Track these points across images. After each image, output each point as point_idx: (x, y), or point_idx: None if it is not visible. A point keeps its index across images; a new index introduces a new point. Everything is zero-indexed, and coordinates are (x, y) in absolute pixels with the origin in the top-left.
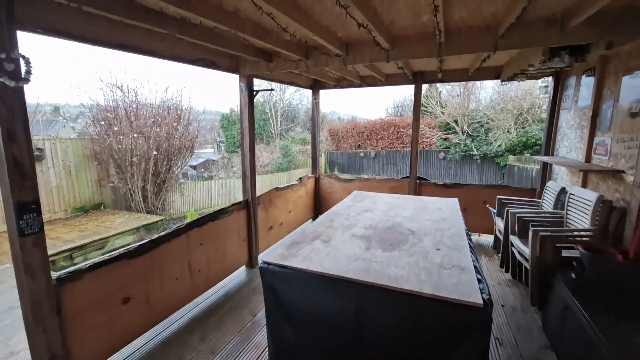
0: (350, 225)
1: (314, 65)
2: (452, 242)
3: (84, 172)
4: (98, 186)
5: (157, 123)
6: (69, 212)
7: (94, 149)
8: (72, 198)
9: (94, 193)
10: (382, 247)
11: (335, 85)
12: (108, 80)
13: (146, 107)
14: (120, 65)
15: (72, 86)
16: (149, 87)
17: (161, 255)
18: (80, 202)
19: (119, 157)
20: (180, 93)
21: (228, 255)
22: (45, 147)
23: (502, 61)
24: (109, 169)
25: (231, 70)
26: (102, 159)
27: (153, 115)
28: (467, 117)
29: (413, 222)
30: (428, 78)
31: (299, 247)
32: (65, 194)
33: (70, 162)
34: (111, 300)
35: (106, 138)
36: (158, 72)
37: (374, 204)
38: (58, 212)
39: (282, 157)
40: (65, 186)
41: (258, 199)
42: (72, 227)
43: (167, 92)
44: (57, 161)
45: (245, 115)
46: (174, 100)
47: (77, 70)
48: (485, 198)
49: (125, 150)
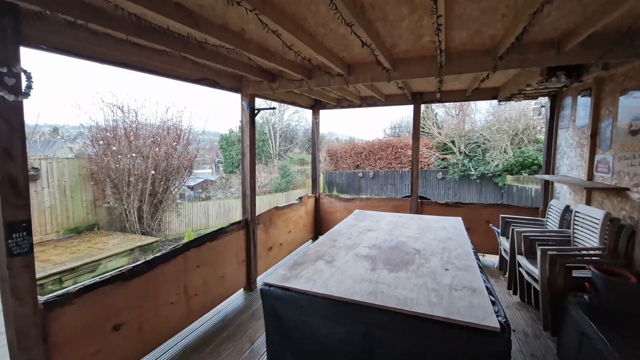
0: (353, 245)
1: (316, 85)
2: (460, 262)
3: (79, 192)
4: (93, 206)
5: (156, 143)
6: (61, 233)
7: (91, 168)
8: (65, 219)
9: (88, 214)
10: (388, 267)
11: (336, 106)
12: (109, 101)
13: (146, 127)
14: (122, 85)
15: (73, 106)
16: (150, 107)
17: (157, 278)
18: (74, 223)
19: (116, 177)
20: (180, 113)
21: (226, 277)
22: (42, 167)
23: (500, 82)
24: (105, 189)
25: (234, 89)
26: (98, 178)
27: (152, 135)
28: (464, 137)
29: (418, 241)
30: (427, 98)
31: (301, 267)
32: (59, 214)
33: (66, 182)
34: (102, 326)
35: (104, 157)
36: (159, 92)
37: (376, 223)
38: (50, 233)
39: (280, 178)
40: (59, 206)
41: (258, 218)
42: (64, 249)
43: (167, 112)
44: (53, 181)
45: (247, 133)
46: (174, 121)
47: (78, 91)
48: (488, 217)
49: (123, 170)
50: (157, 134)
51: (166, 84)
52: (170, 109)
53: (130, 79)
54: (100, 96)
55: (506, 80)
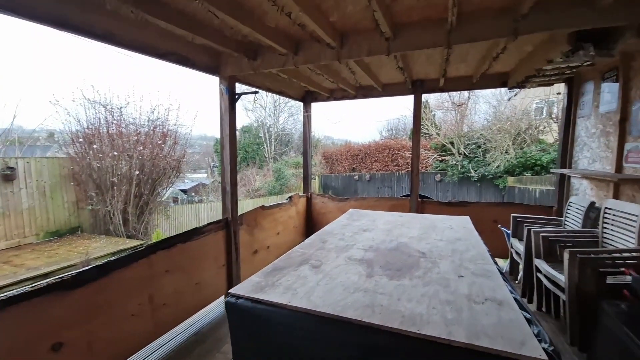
0: (346, 247)
1: (304, 61)
2: (475, 266)
3: (60, 193)
4: (76, 208)
5: (140, 141)
6: (41, 236)
7: (73, 168)
8: (45, 221)
9: (70, 216)
10: (387, 273)
11: (329, 97)
12: (90, 96)
13: (130, 125)
14: (104, 80)
15: (52, 102)
16: (134, 104)
17: (112, 286)
18: (55, 226)
19: (99, 177)
20: (167, 112)
21: (202, 284)
22: (18, 166)
23: (510, 66)
24: (88, 190)
25: (210, 70)
26: (80, 179)
27: (137, 133)
28: (464, 138)
29: (422, 242)
30: (429, 87)
31: (281, 274)
32: (38, 216)
33: (45, 183)
34: (35, 347)
35: (85, 157)
36: (144, 89)
37: (373, 223)
38: (29, 236)
39: (274, 181)
40: (38, 208)
41: (240, 218)
42: (41, 253)
43: (154, 111)
44: (31, 181)
45: (226, 122)
46: (161, 120)
47: (58, 87)
48: (495, 217)
49: (106, 170)
50: (141, 133)
51: (152, 80)
52: (157, 107)
53: (114, 74)
54: (81, 91)
55: (518, 61)
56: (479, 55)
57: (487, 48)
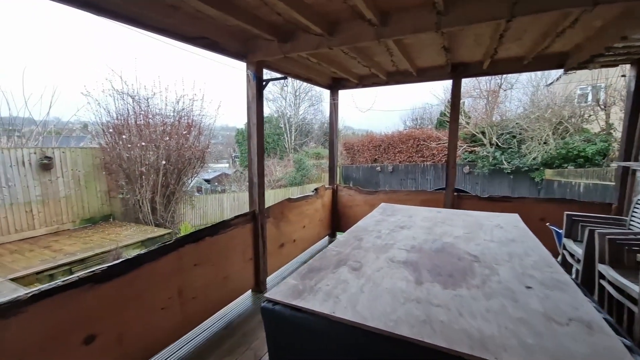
0: (385, 246)
1: (339, 42)
2: (543, 275)
3: (94, 182)
4: (108, 197)
5: (167, 132)
6: (77, 223)
7: (104, 158)
8: (81, 209)
9: (103, 204)
10: (439, 280)
11: (358, 84)
12: (118, 87)
13: (156, 116)
14: (131, 71)
15: (83, 93)
16: (160, 95)
17: (142, 279)
18: (90, 213)
19: (128, 167)
20: (192, 102)
21: (230, 278)
22: (55, 156)
23: (572, 44)
24: (119, 179)
25: (238, 55)
26: (111, 169)
27: (163, 123)
28: (496, 127)
29: (471, 243)
30: (470, 70)
31: (318, 276)
32: (74, 204)
33: (80, 172)
34: (67, 340)
35: (115, 147)
36: (169, 79)
37: (410, 219)
38: (66, 222)
39: (295, 171)
40: (74, 196)
41: (267, 211)
42: (77, 239)
43: (179, 101)
44: (67, 170)
45: (253, 110)
46: (186, 110)
47: (89, 78)
48: (542, 215)
49: (135, 160)
50: (167, 123)
51: (178, 70)
52: (182, 98)
53: (141, 64)
54: (110, 82)
55: (582, 39)
56: (538, 32)
57: (553, 22)
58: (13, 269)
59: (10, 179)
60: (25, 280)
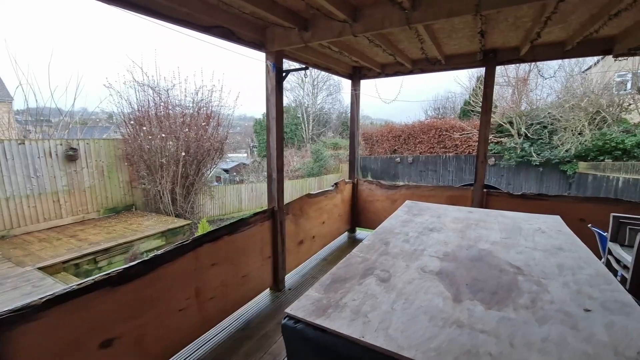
0: (415, 253)
1: (364, 29)
2: (602, 294)
3: (116, 172)
4: (130, 187)
5: (186, 123)
6: (101, 212)
7: (126, 149)
8: (104, 199)
9: (125, 194)
10: (480, 297)
11: (380, 73)
12: (139, 78)
13: (175, 107)
14: (152, 63)
15: (105, 85)
16: (179, 86)
17: (159, 281)
18: (113, 203)
19: (149, 158)
20: (210, 93)
21: (249, 276)
22: (80, 147)
23: (620, 28)
24: (140, 170)
25: (255, 45)
26: (133, 160)
27: (182, 115)
28: (525, 117)
29: (511, 251)
30: (504, 57)
31: (343, 288)
32: (98, 194)
33: (103, 163)
34: (84, 345)
35: (136, 138)
36: (188, 70)
37: (438, 220)
38: (91, 212)
39: (313, 162)
40: (98, 186)
41: (287, 207)
42: (102, 228)
43: (198, 92)
44: (91, 161)
45: (273, 103)
46: (205, 101)
47: (111, 69)
48: (582, 215)
49: (155, 151)
50: (186, 114)
51: (197, 61)
52: (201, 89)
53: (160, 56)
54: (131, 74)
55: (634, 22)
56: (589, 13)
57: (606, 2)
58: (41, 258)
59: (38, 170)
60: (52, 269)
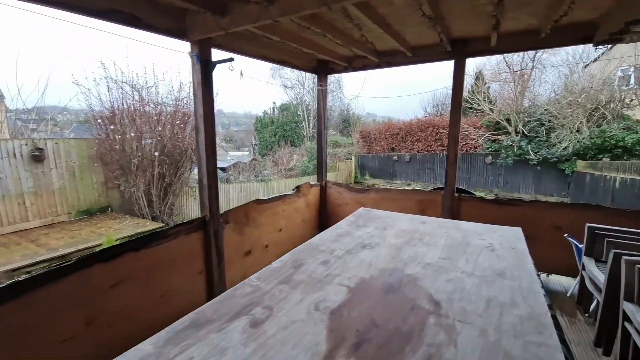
0: (324, 280)
1: (280, 12)
2: (525, 351)
3: (89, 173)
4: (105, 188)
5: (160, 122)
6: (72, 214)
7: (98, 149)
8: (76, 200)
9: (100, 196)
10: (361, 354)
11: (347, 67)
12: (105, 74)
13: (150, 104)
14: (122, 58)
15: (73, 82)
16: (155, 84)
17: (30, 307)
18: (86, 205)
19: (121, 158)
20: (189, 91)
21: (171, 294)
22: (47, 147)
23: (599, 10)
24: (114, 170)
25: (174, 33)
26: (106, 160)
27: (157, 113)
28: (523, 114)
29: (441, 277)
30: (474, 48)
31: (194, 336)
32: (69, 196)
33: (75, 163)
34: None
35: (107, 138)
36: (166, 66)
37: (381, 233)
38: (61, 214)
39: (308, 160)
40: (69, 188)
41: (225, 216)
42: (67, 232)
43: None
44: (60, 162)
45: (199, 98)
46: (185, 99)
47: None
48: (558, 222)
49: (127, 151)
50: (161, 113)
51: (174, 58)
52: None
53: (133, 51)
54: (102, 69)
55: (616, 2)
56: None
57: None
58: None
59: (1, 171)
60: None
